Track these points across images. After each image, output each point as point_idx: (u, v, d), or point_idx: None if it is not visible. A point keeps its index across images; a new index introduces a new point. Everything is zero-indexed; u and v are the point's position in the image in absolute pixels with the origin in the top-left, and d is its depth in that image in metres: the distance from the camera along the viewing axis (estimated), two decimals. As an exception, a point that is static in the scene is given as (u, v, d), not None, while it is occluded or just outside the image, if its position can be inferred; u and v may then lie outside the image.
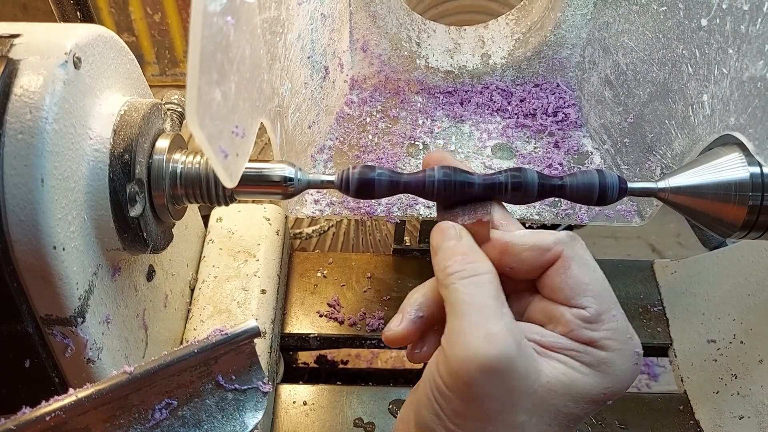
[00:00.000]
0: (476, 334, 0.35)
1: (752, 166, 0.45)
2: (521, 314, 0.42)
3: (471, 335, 0.36)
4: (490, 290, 0.38)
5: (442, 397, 0.36)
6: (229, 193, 0.49)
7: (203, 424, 0.42)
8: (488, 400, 0.35)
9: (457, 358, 0.35)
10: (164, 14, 1.16)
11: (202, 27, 0.32)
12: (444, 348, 0.37)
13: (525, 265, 0.40)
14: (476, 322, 0.36)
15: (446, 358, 0.36)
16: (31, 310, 0.43)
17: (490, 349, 0.35)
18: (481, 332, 0.35)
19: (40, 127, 0.39)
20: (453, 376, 0.35)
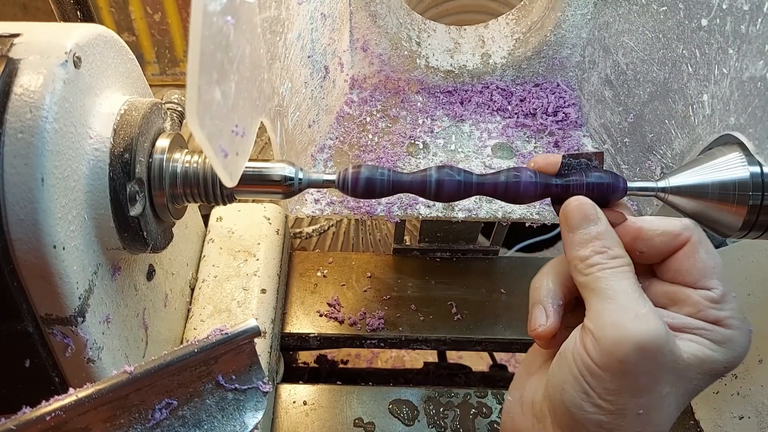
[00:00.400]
0: (627, 316, 0.38)
1: (752, 166, 0.45)
2: None
3: (622, 317, 0.38)
4: (630, 278, 0.41)
5: (593, 376, 0.38)
6: (229, 192, 0.49)
7: (203, 424, 0.42)
8: (640, 376, 0.38)
9: (611, 338, 0.38)
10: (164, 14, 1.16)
11: (202, 27, 0.32)
12: (592, 330, 0.39)
13: (655, 249, 0.43)
14: (625, 305, 0.39)
15: (597, 339, 0.38)
16: (31, 310, 0.43)
17: (642, 329, 0.38)
18: (631, 314, 0.38)
19: (40, 126, 0.39)
20: (606, 356, 0.38)
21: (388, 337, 0.76)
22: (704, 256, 0.42)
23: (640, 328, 0.38)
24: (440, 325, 0.77)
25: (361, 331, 0.76)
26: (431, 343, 0.78)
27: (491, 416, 0.70)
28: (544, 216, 0.70)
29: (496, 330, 0.78)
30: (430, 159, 0.77)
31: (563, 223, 0.43)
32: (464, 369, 0.96)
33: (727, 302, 0.41)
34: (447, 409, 0.71)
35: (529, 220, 0.70)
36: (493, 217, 0.70)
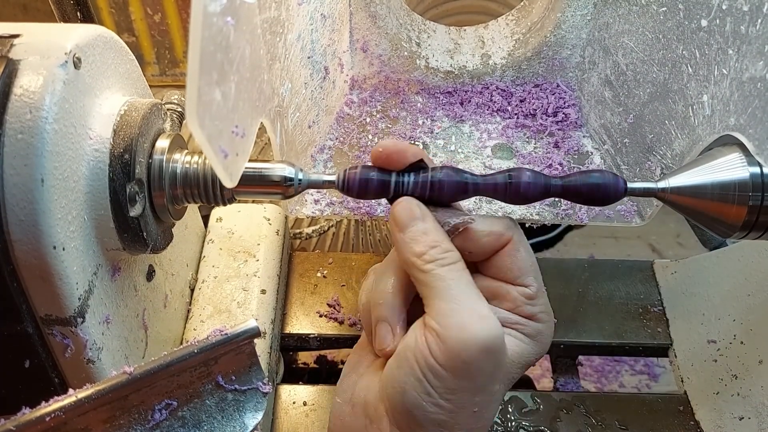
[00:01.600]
0: (472, 318, 0.39)
1: (752, 167, 0.45)
2: None
3: (468, 319, 0.39)
4: (466, 275, 0.42)
5: (435, 376, 0.39)
6: (229, 193, 0.49)
7: (203, 425, 0.42)
8: (480, 375, 0.39)
9: (457, 339, 0.38)
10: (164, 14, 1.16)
11: (202, 27, 0.32)
12: (437, 331, 0.39)
13: (482, 249, 0.44)
14: (469, 306, 0.40)
15: (443, 340, 0.39)
16: (31, 310, 0.43)
17: (487, 331, 0.39)
18: (475, 315, 0.39)
19: (40, 127, 0.39)
20: (452, 357, 0.38)
21: (388, 338, 0.76)
22: (524, 255, 0.44)
23: (484, 330, 0.39)
24: (440, 325, 0.77)
25: (361, 331, 0.76)
26: (431, 343, 0.77)
27: (491, 417, 0.70)
28: (544, 216, 0.70)
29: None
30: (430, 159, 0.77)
31: (393, 225, 0.43)
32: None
33: (540, 298, 0.44)
34: (447, 409, 0.71)
35: (529, 220, 0.70)
36: (493, 217, 0.70)
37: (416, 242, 0.42)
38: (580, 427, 0.69)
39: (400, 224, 0.43)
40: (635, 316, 0.77)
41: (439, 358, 0.39)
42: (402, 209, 0.43)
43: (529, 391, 0.72)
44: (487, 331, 0.39)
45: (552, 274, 0.82)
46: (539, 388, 1.12)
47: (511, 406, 0.70)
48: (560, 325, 0.77)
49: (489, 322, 0.39)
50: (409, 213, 0.43)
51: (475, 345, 0.38)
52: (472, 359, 0.38)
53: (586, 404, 0.71)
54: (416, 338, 0.40)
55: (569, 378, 0.79)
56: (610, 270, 0.82)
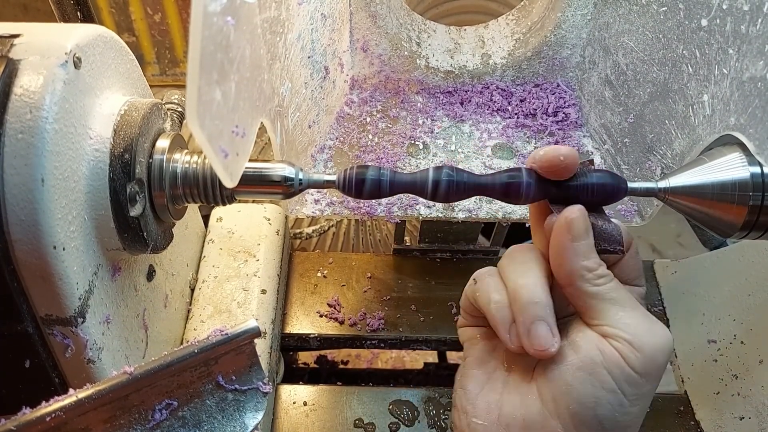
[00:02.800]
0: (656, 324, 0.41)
1: (752, 166, 0.45)
2: None
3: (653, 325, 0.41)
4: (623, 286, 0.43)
5: (630, 384, 0.40)
6: (229, 192, 0.49)
7: (203, 425, 0.42)
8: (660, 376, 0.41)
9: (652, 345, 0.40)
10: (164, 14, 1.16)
11: (202, 27, 0.32)
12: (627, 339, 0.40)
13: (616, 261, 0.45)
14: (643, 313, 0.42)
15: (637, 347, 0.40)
16: (31, 310, 0.43)
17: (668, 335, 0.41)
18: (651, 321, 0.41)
19: (40, 126, 0.39)
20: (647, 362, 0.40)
21: (389, 338, 0.76)
22: (638, 257, 0.46)
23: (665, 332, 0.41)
24: (440, 325, 0.77)
25: (361, 331, 0.76)
26: (431, 343, 0.78)
27: (491, 417, 0.70)
28: (545, 216, 0.70)
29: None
30: (430, 159, 0.77)
31: (564, 232, 0.42)
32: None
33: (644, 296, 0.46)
34: (447, 409, 0.71)
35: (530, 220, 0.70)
36: (493, 217, 0.70)
37: (588, 256, 0.42)
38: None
39: (575, 234, 0.42)
40: (635, 316, 0.77)
41: (635, 365, 0.39)
42: (580, 219, 0.43)
43: (530, 391, 0.72)
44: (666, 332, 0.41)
45: (552, 273, 0.82)
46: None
47: (512, 406, 0.70)
48: (560, 325, 0.77)
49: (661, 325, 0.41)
50: (585, 224, 0.43)
51: (666, 347, 0.40)
52: (664, 361, 0.40)
53: (587, 404, 0.71)
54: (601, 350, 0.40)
55: (569, 378, 0.79)
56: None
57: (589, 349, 0.41)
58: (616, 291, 0.42)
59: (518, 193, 0.45)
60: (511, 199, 0.46)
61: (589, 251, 0.42)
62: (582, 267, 0.42)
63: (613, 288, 0.42)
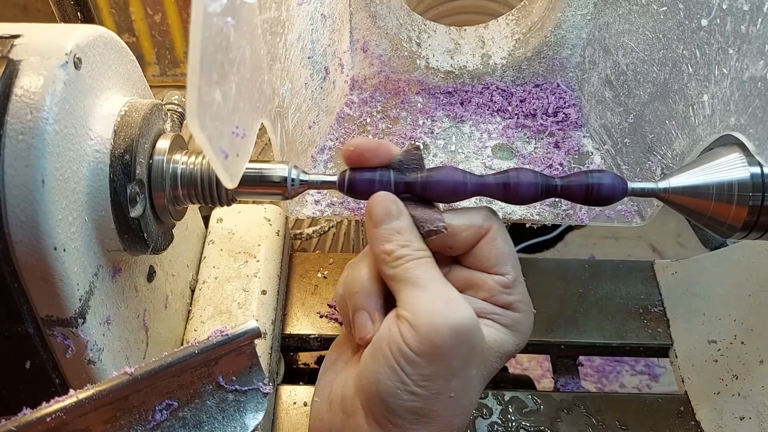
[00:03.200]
0: (440, 303, 0.40)
1: (753, 167, 0.45)
2: None
3: (436, 304, 0.40)
4: (435, 267, 0.43)
5: (409, 363, 0.39)
6: (229, 193, 0.49)
7: (204, 425, 0.42)
8: (454, 359, 0.40)
9: (427, 324, 0.39)
10: (165, 15, 1.16)
11: (202, 28, 0.32)
12: (408, 319, 0.40)
13: (463, 243, 0.44)
14: (437, 293, 0.41)
15: (414, 326, 0.39)
16: (32, 311, 0.43)
17: (456, 314, 0.40)
18: (443, 300, 0.40)
19: (40, 127, 0.39)
20: (424, 342, 0.39)
21: (389, 338, 0.76)
22: (501, 244, 0.44)
23: (453, 312, 0.40)
24: (441, 325, 0.77)
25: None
26: (432, 343, 0.77)
27: (492, 417, 0.70)
28: (545, 217, 0.70)
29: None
30: (431, 160, 0.77)
31: (367, 219, 0.44)
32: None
33: (517, 287, 0.44)
34: (448, 410, 0.71)
35: (530, 220, 0.70)
36: (493, 217, 0.70)
37: (388, 240, 0.43)
38: (581, 427, 0.69)
39: (374, 220, 0.43)
40: (636, 317, 0.77)
41: (411, 345, 0.39)
42: (378, 205, 0.44)
43: (530, 392, 0.72)
44: (455, 312, 0.40)
45: (552, 274, 0.82)
46: (540, 388, 1.12)
47: (512, 407, 0.70)
48: (560, 326, 0.77)
49: (457, 305, 0.40)
50: (384, 209, 0.43)
51: (445, 327, 0.39)
52: (443, 342, 0.39)
53: (587, 404, 0.71)
54: (389, 328, 0.41)
55: (570, 378, 0.79)
56: (611, 270, 0.82)
57: (382, 329, 0.41)
58: (416, 271, 0.41)
59: (518, 193, 0.45)
60: (512, 200, 0.46)
61: (391, 235, 0.42)
62: (381, 251, 0.42)
63: (411, 268, 0.41)
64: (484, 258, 0.44)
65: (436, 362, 0.39)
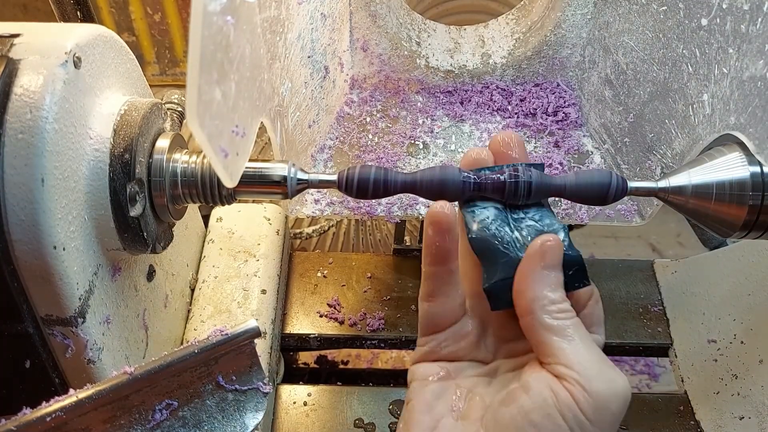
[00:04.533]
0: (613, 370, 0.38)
1: (752, 166, 0.45)
2: None
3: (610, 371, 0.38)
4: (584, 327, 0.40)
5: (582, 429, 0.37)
6: (229, 192, 0.49)
7: (203, 425, 0.42)
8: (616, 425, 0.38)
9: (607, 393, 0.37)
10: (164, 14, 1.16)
11: (202, 27, 0.32)
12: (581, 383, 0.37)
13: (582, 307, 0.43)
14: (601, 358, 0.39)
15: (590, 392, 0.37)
16: (32, 311, 0.43)
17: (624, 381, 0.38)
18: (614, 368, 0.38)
19: (40, 126, 0.39)
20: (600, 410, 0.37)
21: (389, 338, 0.76)
22: (600, 306, 0.43)
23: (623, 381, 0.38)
24: (440, 325, 0.77)
25: (361, 331, 0.76)
26: (431, 343, 0.77)
27: (492, 416, 0.70)
28: (545, 216, 0.70)
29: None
30: (430, 159, 0.77)
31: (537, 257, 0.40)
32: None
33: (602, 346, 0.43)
34: (447, 409, 0.71)
35: (530, 220, 0.70)
36: (493, 217, 0.70)
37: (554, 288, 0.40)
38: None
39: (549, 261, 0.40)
40: (635, 316, 0.77)
41: (587, 412, 0.37)
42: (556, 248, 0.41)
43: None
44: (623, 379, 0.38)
45: (552, 273, 0.82)
46: (539, 387, 1.12)
47: (512, 406, 0.70)
48: (560, 325, 0.77)
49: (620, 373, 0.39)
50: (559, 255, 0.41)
51: (622, 396, 0.38)
52: (619, 411, 0.38)
53: (587, 404, 0.71)
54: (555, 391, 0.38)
55: (569, 377, 0.79)
56: (611, 269, 0.82)
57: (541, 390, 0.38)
58: (576, 329, 0.39)
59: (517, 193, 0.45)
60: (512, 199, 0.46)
61: (557, 283, 0.40)
62: (546, 296, 0.40)
63: (573, 325, 0.39)
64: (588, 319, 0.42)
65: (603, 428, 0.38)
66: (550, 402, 0.37)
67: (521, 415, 0.38)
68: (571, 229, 1.92)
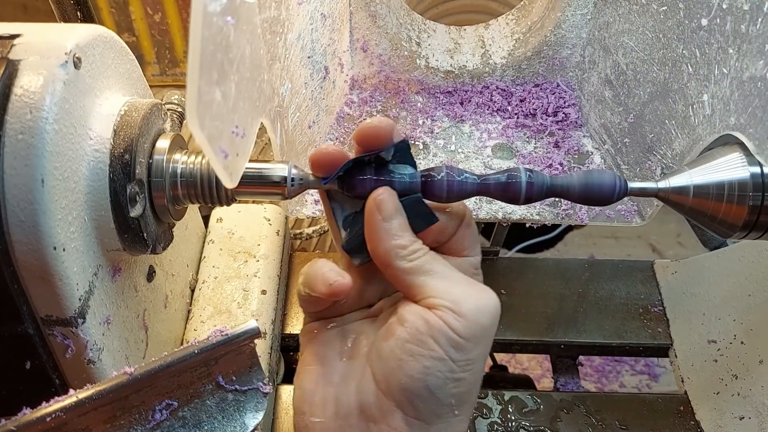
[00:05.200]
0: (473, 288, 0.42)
1: (752, 166, 0.45)
2: None
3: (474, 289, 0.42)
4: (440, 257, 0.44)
5: (458, 350, 0.40)
6: (229, 193, 0.49)
7: (203, 425, 0.42)
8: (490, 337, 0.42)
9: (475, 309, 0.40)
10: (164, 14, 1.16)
11: (202, 27, 0.32)
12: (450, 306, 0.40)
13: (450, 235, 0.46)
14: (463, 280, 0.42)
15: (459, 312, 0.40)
16: (32, 311, 0.43)
17: (491, 294, 0.42)
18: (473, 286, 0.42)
19: (40, 127, 0.39)
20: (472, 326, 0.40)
21: (389, 338, 0.76)
22: (473, 228, 0.46)
23: (488, 294, 0.42)
24: (440, 325, 0.77)
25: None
26: (431, 343, 0.77)
27: (491, 417, 0.70)
28: (545, 216, 0.70)
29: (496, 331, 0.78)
30: (430, 159, 0.77)
31: (374, 212, 0.43)
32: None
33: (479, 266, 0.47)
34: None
35: (530, 220, 0.70)
36: (493, 217, 0.70)
37: (399, 235, 0.43)
38: (581, 427, 0.69)
39: (385, 213, 0.43)
40: (635, 316, 0.77)
41: (459, 331, 0.40)
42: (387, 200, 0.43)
43: (530, 391, 0.72)
44: (489, 293, 0.42)
45: (552, 274, 0.82)
46: (539, 388, 1.12)
47: (512, 406, 0.70)
48: (560, 325, 0.77)
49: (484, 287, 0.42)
50: (393, 205, 0.43)
51: (490, 309, 0.41)
52: (490, 322, 0.41)
53: (587, 404, 0.71)
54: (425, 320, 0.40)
55: (569, 378, 0.79)
56: (611, 270, 0.82)
57: (414, 321, 0.41)
58: (432, 263, 0.42)
59: (518, 193, 0.45)
60: (511, 199, 0.46)
61: (401, 229, 0.43)
62: (395, 245, 0.42)
63: (428, 260, 0.42)
64: (459, 243, 0.45)
65: (481, 344, 0.41)
66: (423, 329, 0.40)
67: (398, 346, 0.41)
68: (571, 230, 1.91)
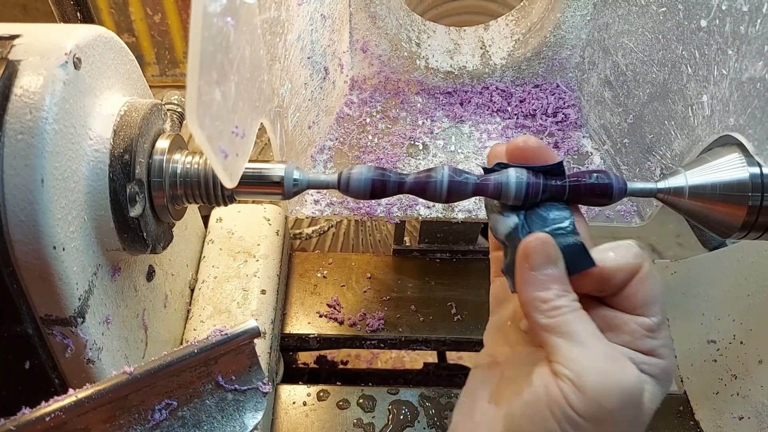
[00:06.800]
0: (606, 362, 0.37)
1: (752, 167, 0.45)
2: None
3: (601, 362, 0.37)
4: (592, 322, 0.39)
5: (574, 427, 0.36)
6: (228, 193, 0.49)
7: (203, 425, 0.42)
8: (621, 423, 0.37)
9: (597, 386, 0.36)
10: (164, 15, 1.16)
11: (202, 28, 0.32)
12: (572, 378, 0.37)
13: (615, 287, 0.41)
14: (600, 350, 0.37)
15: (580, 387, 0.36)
16: (31, 311, 0.43)
17: (625, 374, 0.36)
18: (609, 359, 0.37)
19: (40, 127, 0.39)
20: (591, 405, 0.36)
21: (388, 338, 0.76)
22: (651, 284, 0.40)
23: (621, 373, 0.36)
24: (440, 325, 0.77)
25: (360, 331, 0.76)
26: (431, 343, 0.78)
27: None
28: (544, 217, 0.70)
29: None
30: (430, 160, 0.77)
31: (522, 260, 0.40)
32: (464, 370, 0.96)
33: (662, 330, 0.40)
34: (447, 409, 0.71)
35: (529, 220, 0.70)
36: (492, 217, 0.70)
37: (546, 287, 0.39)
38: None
39: (532, 263, 0.40)
40: (635, 317, 0.77)
41: (577, 408, 0.36)
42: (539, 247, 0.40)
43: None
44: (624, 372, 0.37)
45: (552, 274, 0.82)
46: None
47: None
48: (560, 326, 0.77)
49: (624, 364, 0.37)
50: (545, 253, 0.40)
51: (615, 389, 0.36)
52: (613, 405, 0.36)
53: (586, 404, 0.71)
54: (547, 388, 0.37)
55: (569, 378, 0.79)
56: (610, 270, 0.82)
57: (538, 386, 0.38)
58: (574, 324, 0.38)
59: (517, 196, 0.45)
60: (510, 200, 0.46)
61: (548, 281, 0.39)
62: (536, 297, 0.39)
63: (569, 320, 0.38)
64: (632, 299, 0.40)
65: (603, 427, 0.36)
66: (542, 398, 0.37)
67: (521, 409, 0.38)
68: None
